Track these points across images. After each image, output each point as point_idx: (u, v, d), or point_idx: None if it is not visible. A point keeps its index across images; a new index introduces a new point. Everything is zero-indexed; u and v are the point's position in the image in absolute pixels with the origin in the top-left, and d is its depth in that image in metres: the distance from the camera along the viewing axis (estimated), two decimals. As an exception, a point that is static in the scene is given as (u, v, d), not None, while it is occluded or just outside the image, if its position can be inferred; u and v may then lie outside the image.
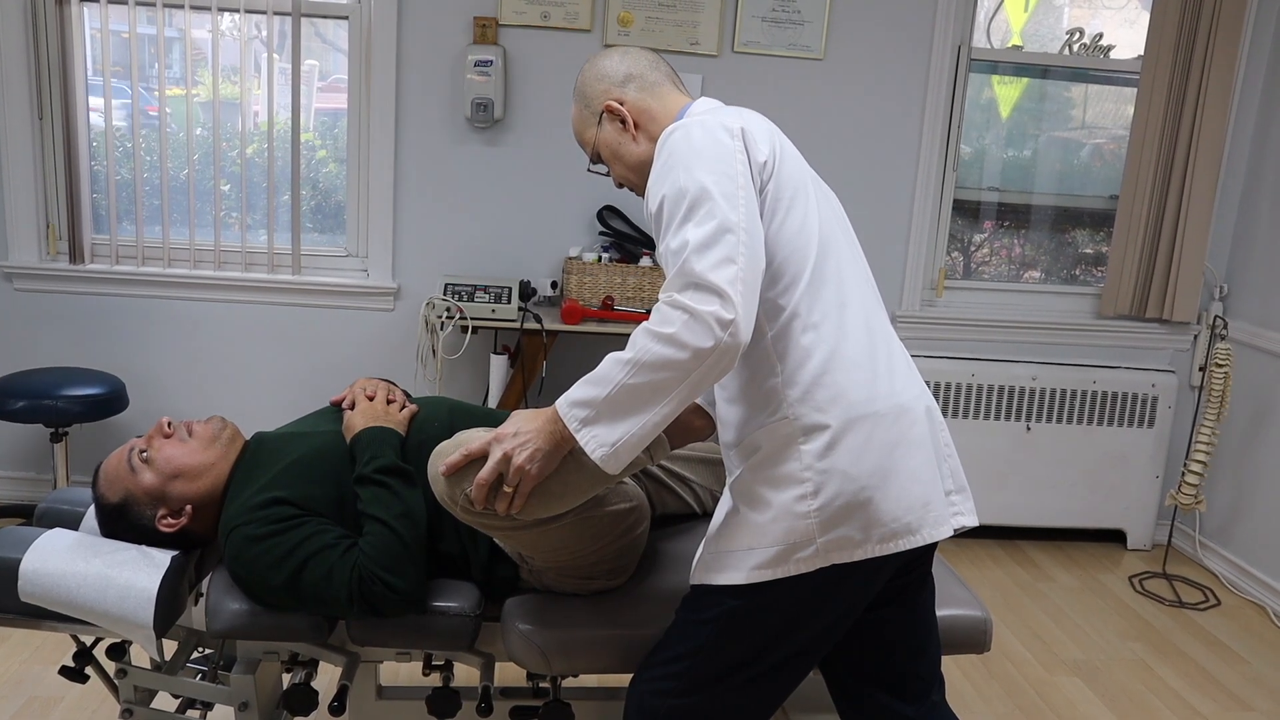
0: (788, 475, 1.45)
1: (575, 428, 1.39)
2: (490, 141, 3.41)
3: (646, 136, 1.62)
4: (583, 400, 1.40)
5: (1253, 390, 3.55)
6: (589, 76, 1.66)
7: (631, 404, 1.37)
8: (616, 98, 1.63)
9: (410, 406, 1.88)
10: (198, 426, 1.82)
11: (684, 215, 1.38)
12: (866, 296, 1.54)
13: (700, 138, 1.43)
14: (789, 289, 1.45)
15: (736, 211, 1.37)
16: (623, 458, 1.39)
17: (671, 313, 1.33)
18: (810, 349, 1.44)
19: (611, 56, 1.66)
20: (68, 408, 2.98)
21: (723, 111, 1.53)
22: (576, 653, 1.69)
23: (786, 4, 3.40)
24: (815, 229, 1.49)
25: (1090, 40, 3.68)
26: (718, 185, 1.38)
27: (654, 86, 1.64)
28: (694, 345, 1.31)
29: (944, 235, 3.70)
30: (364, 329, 3.51)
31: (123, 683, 1.79)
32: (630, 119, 1.61)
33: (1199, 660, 3.01)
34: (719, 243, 1.34)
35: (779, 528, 1.45)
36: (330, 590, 1.61)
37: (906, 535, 1.45)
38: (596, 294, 3.27)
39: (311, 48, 3.45)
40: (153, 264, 3.41)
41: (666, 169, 1.44)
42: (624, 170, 1.65)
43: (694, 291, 1.33)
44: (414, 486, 1.72)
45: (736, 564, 1.48)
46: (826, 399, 1.44)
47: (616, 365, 1.37)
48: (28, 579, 1.64)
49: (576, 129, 1.69)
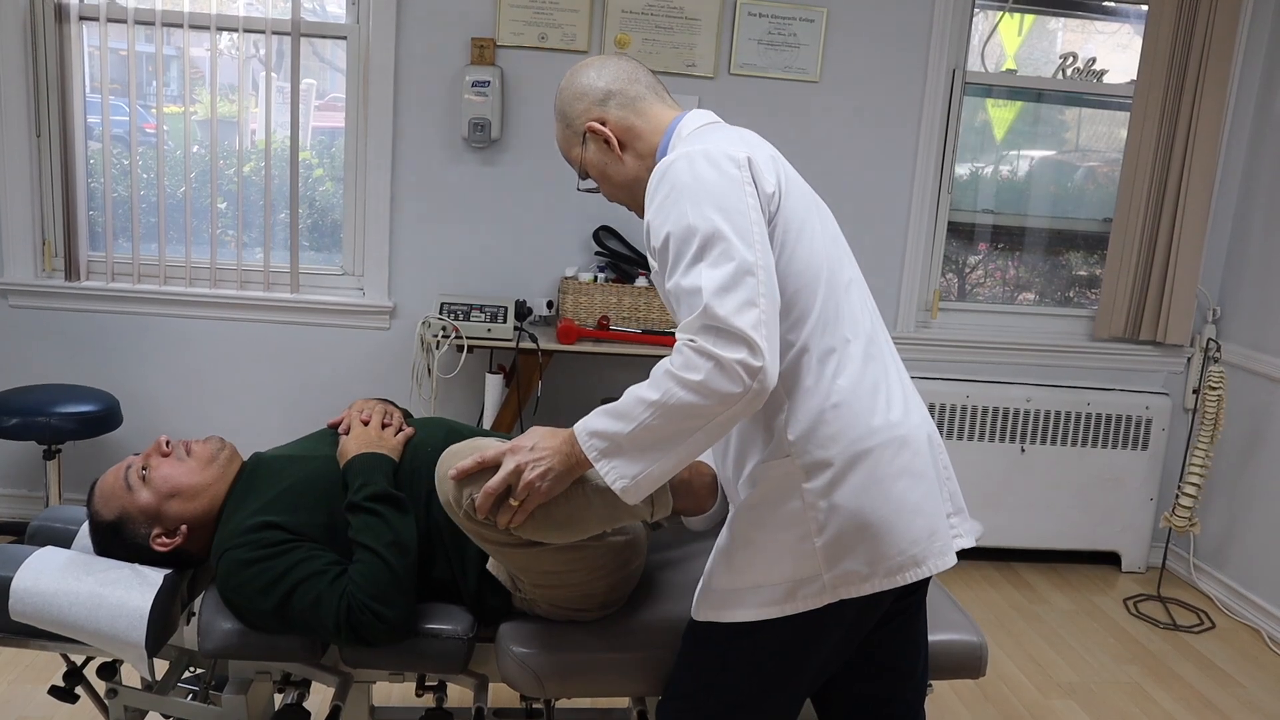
0: (791, 513, 1.43)
1: (594, 457, 1.38)
2: (487, 161, 3.43)
3: (634, 154, 1.57)
4: (603, 432, 1.38)
5: (1246, 413, 3.56)
6: (567, 95, 1.59)
7: (653, 443, 1.35)
8: (598, 118, 1.57)
9: (406, 430, 1.87)
10: (196, 446, 1.81)
11: (695, 254, 1.34)
12: (869, 323, 1.51)
13: (706, 171, 1.38)
14: (798, 324, 1.43)
15: (753, 250, 1.33)
16: (642, 490, 1.38)
17: (697, 359, 1.30)
18: (813, 387, 1.42)
19: (588, 71, 1.59)
20: (61, 425, 2.97)
21: (722, 137, 1.47)
22: (570, 676, 1.68)
23: (783, 27, 3.42)
24: (823, 258, 1.46)
25: (1084, 64, 3.71)
26: (730, 223, 1.34)
27: (635, 101, 1.58)
28: (721, 393, 1.29)
29: (939, 257, 3.71)
30: (359, 348, 3.51)
31: (113, 703, 1.78)
32: (614, 139, 1.56)
33: (1193, 683, 3.01)
34: (739, 285, 1.31)
35: (785, 565, 1.44)
36: (318, 618, 1.60)
37: (913, 567, 1.44)
38: (592, 314, 3.27)
39: (309, 67, 3.46)
40: (148, 281, 3.41)
41: (671, 202, 1.39)
42: (613, 189, 1.62)
43: (718, 337, 1.30)
44: (405, 514, 1.71)
45: (743, 601, 1.47)
46: (828, 436, 1.42)
47: (640, 404, 1.34)
48: (18, 597, 1.63)
49: (561, 148, 1.64)
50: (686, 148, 1.43)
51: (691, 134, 1.52)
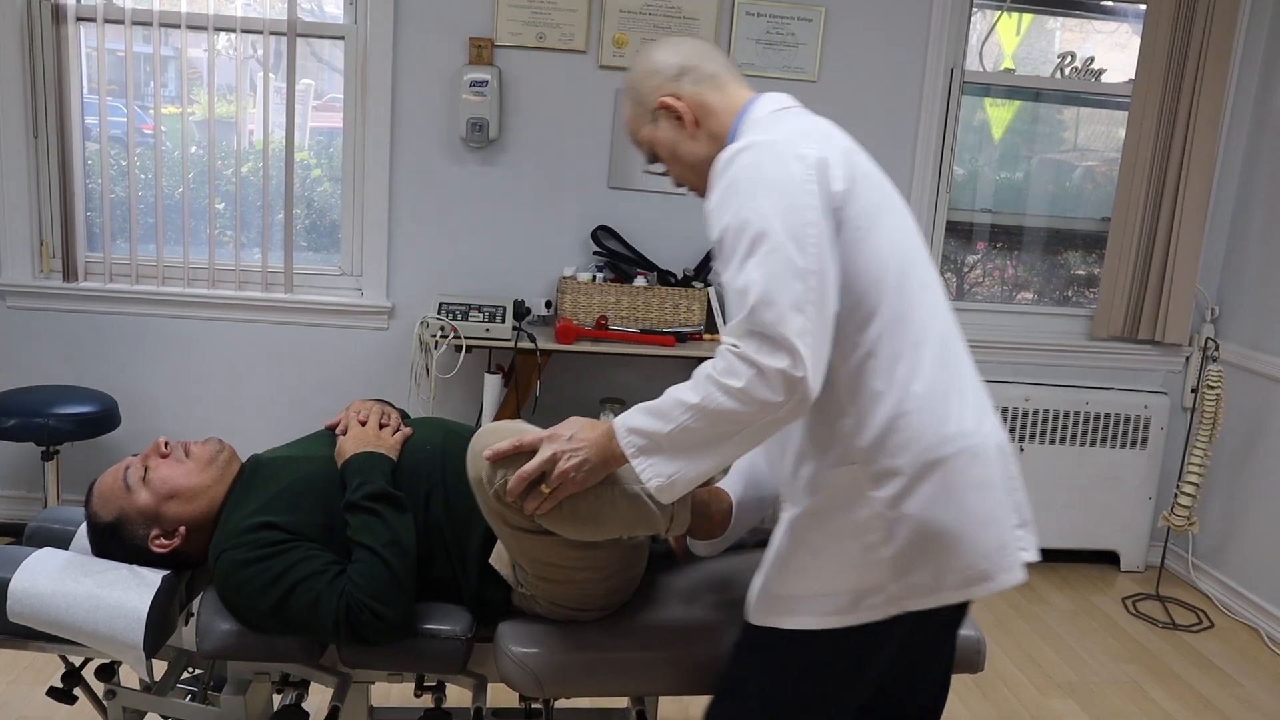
0: (858, 522, 1.40)
1: (631, 453, 1.38)
2: (485, 161, 3.42)
3: (707, 134, 1.52)
4: (641, 429, 1.38)
5: (1244, 412, 3.56)
6: (640, 71, 1.55)
7: (691, 445, 1.35)
8: (671, 93, 1.52)
9: (404, 430, 1.87)
10: (195, 448, 1.80)
11: (746, 251, 1.32)
12: (943, 325, 1.45)
13: (770, 166, 1.34)
14: (864, 325, 1.38)
15: (805, 254, 1.30)
16: (677, 490, 1.38)
17: (739, 365, 1.29)
18: (883, 391, 1.38)
19: (663, 49, 1.55)
20: (59, 426, 2.97)
21: (795, 129, 1.42)
22: (569, 676, 1.68)
23: (781, 26, 3.42)
24: (895, 258, 1.40)
25: (1082, 64, 3.71)
26: (785, 223, 1.31)
27: (712, 78, 1.53)
28: (762, 401, 1.28)
29: (937, 256, 3.71)
30: (358, 348, 3.51)
31: (111, 704, 1.78)
32: (689, 116, 1.51)
33: (1192, 682, 3.01)
34: (786, 290, 1.28)
35: (849, 574, 1.40)
36: (317, 618, 1.60)
37: (981, 582, 1.41)
38: (591, 313, 3.27)
39: (307, 67, 3.46)
40: (146, 282, 3.41)
41: (730, 194, 1.36)
42: (683, 170, 1.57)
43: (761, 344, 1.28)
44: (404, 513, 1.71)
45: (804, 609, 1.43)
46: (898, 445, 1.38)
47: (679, 406, 1.34)
48: (16, 598, 1.63)
49: (630, 127, 1.59)
50: (755, 136, 1.39)
51: (765, 119, 1.47)
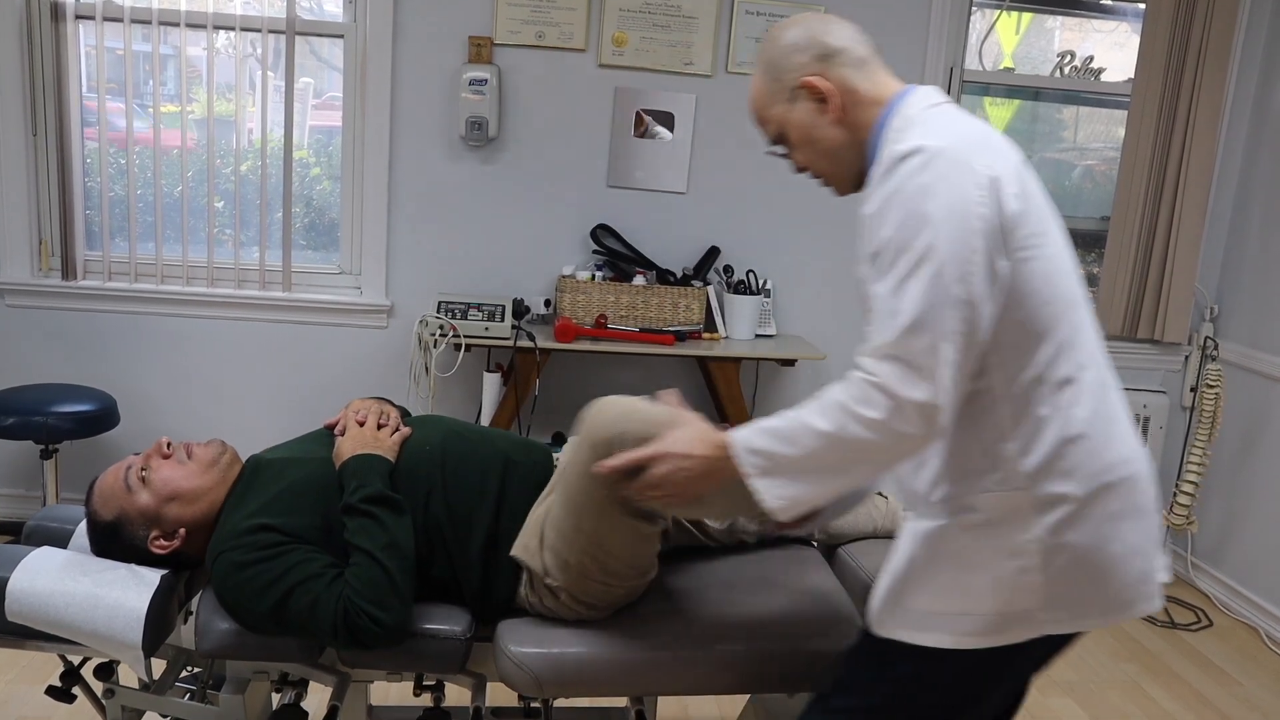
0: (1015, 545, 1.35)
1: (752, 474, 1.36)
2: (484, 160, 3.42)
3: (849, 121, 1.43)
4: (764, 451, 1.35)
5: (1244, 411, 3.56)
6: (783, 46, 1.44)
7: (815, 470, 1.33)
8: (818, 73, 1.42)
9: (403, 430, 1.86)
10: (197, 449, 1.79)
11: (906, 271, 1.26)
12: (1099, 349, 1.41)
13: (941, 180, 1.27)
14: (1032, 350, 1.33)
15: (965, 282, 1.25)
16: (795, 511, 1.37)
17: (876, 395, 1.26)
18: (1050, 416, 1.33)
19: (810, 23, 1.45)
20: (58, 424, 2.97)
21: (963, 135, 1.33)
22: (568, 676, 1.68)
23: (780, 25, 3.42)
24: (1062, 278, 1.35)
25: (1081, 63, 3.71)
26: (950, 247, 1.25)
27: (862, 64, 1.44)
28: (898, 433, 1.26)
29: (936, 255, 3.70)
30: (357, 346, 3.50)
31: (110, 703, 1.78)
32: (835, 100, 1.42)
33: (1191, 681, 3.01)
34: (940, 319, 1.24)
35: (997, 596, 1.36)
36: (315, 621, 1.59)
37: (1123, 610, 1.39)
38: (590, 312, 3.27)
39: (306, 65, 3.46)
40: (145, 280, 3.41)
41: (895, 203, 1.29)
42: (814, 156, 1.48)
43: (905, 373, 1.25)
44: (402, 515, 1.70)
45: (944, 626, 1.39)
46: (1065, 470, 1.33)
47: (809, 432, 1.31)
48: (15, 598, 1.63)
49: (758, 103, 1.49)
50: (922, 140, 1.30)
51: (920, 115, 1.38)
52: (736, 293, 3.41)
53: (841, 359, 3.65)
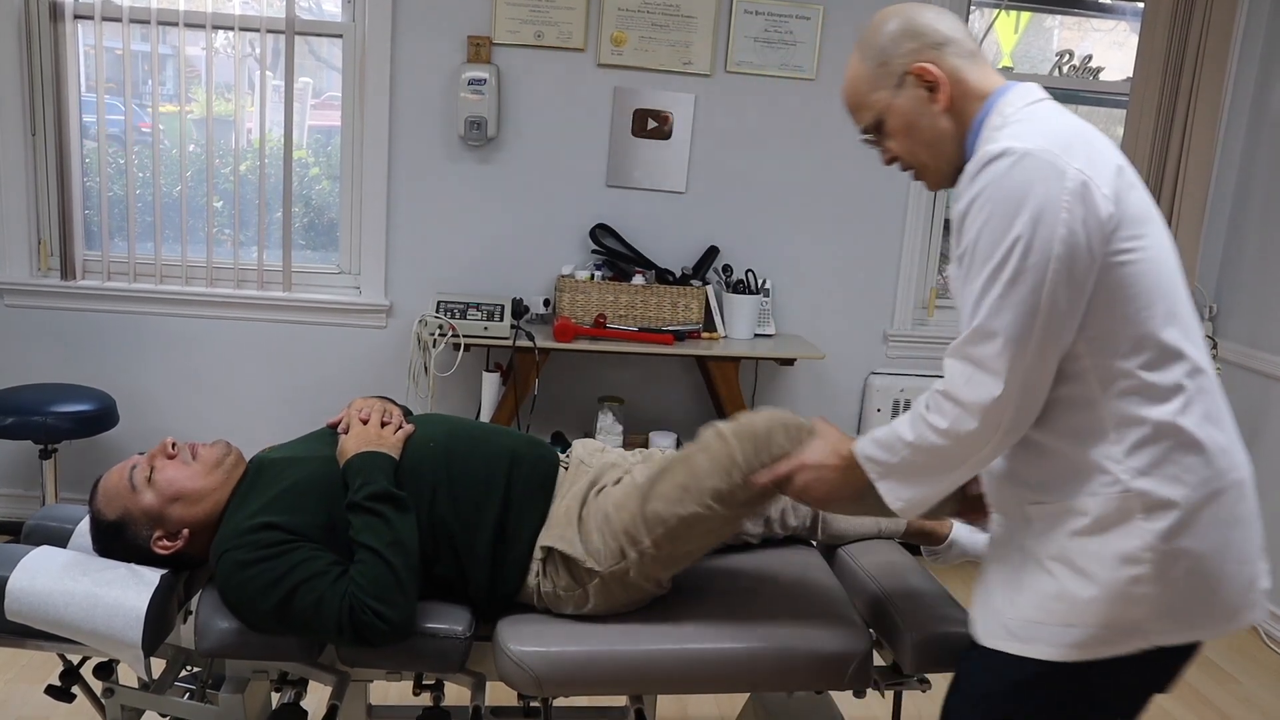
0: (1125, 553, 1.31)
1: (874, 478, 1.45)
2: (483, 160, 3.42)
3: (954, 112, 1.41)
4: (874, 459, 1.45)
5: (1243, 410, 3.56)
6: (894, 31, 1.42)
7: (917, 474, 1.41)
8: (930, 60, 1.40)
9: (406, 428, 1.86)
10: (202, 450, 1.79)
11: (989, 275, 1.28)
12: (1204, 351, 1.37)
13: (1028, 183, 1.26)
14: (1134, 353, 1.31)
15: (1044, 289, 1.25)
16: (916, 510, 1.44)
17: (944, 403, 1.33)
18: (1158, 419, 1.31)
19: (923, 11, 1.43)
20: (57, 424, 2.97)
21: (1057, 135, 1.30)
22: (568, 675, 1.68)
23: (779, 24, 3.42)
24: (1164, 283, 1.32)
25: (1080, 62, 3.71)
26: (1032, 254, 1.25)
27: (972, 56, 1.42)
28: (966, 436, 1.32)
29: (935, 254, 3.71)
30: (356, 346, 3.50)
31: (110, 702, 1.78)
32: (945, 89, 1.40)
33: (1190, 680, 3.01)
34: (1013, 323, 1.26)
35: (1107, 607, 1.32)
36: (319, 619, 1.60)
37: (1231, 620, 1.36)
38: (589, 312, 3.27)
39: (305, 65, 3.46)
40: (144, 280, 3.41)
41: (982, 205, 1.29)
42: (913, 146, 1.45)
43: (972, 374, 1.30)
44: (406, 513, 1.70)
45: (1050, 638, 1.35)
46: (1174, 476, 1.31)
47: (899, 441, 1.40)
48: (14, 597, 1.63)
49: (858, 88, 1.46)
50: (1014, 141, 1.29)
51: (1017, 113, 1.37)
52: (735, 292, 3.41)
53: (841, 358, 3.66)
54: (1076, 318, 1.29)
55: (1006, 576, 1.43)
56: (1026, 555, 1.40)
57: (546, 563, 1.76)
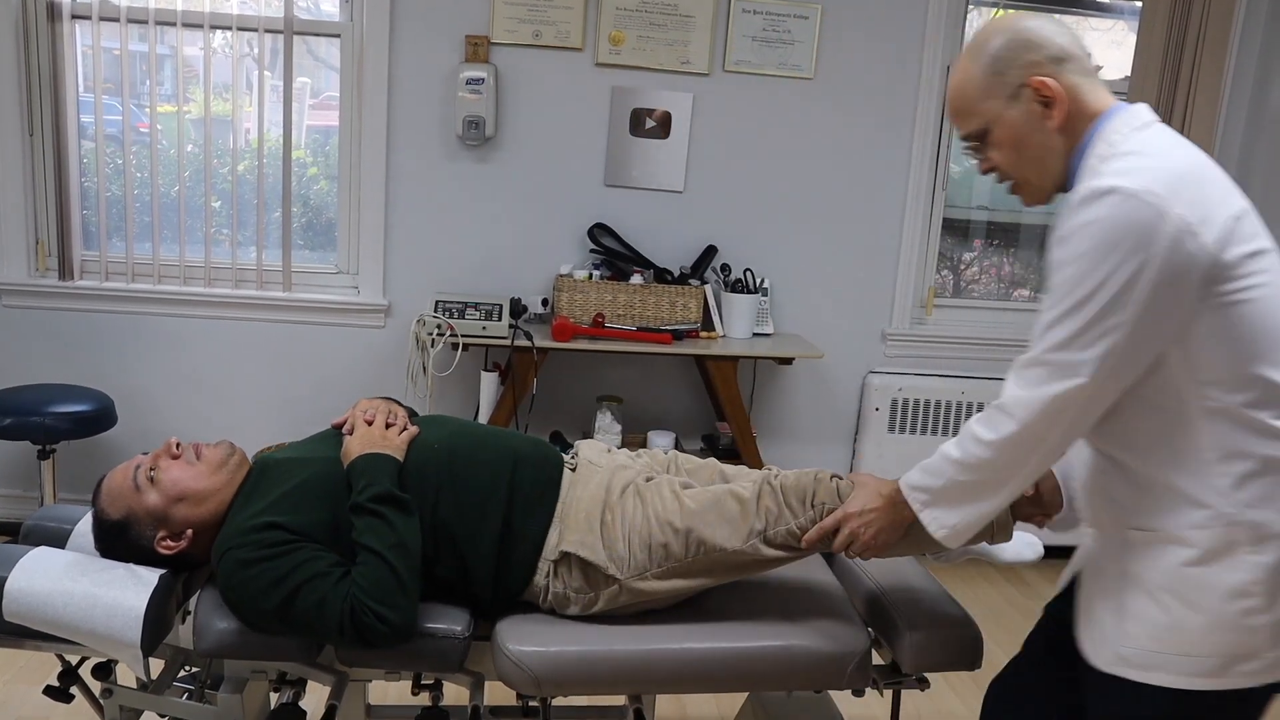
0: (1234, 586, 1.31)
1: (918, 509, 1.49)
2: (482, 159, 3.42)
3: (1066, 131, 1.38)
4: (921, 486, 1.49)
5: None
6: (1012, 40, 1.38)
7: (963, 496, 1.44)
8: (1050, 74, 1.36)
9: (411, 429, 1.86)
10: (206, 450, 1.79)
11: (1073, 306, 1.28)
12: None
13: (1136, 232, 1.24)
14: (1240, 389, 1.30)
15: (1123, 335, 1.26)
16: (960, 537, 1.48)
17: (997, 415, 1.37)
18: (1266, 454, 1.30)
19: (1043, 22, 1.39)
20: (56, 425, 2.97)
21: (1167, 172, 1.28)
22: (566, 674, 1.68)
23: (777, 24, 3.42)
24: (1272, 318, 1.30)
25: (1078, 61, 3.71)
26: (1119, 300, 1.25)
27: (1090, 74, 1.39)
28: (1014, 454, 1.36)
29: (933, 254, 3.71)
30: (355, 346, 3.50)
31: (108, 702, 1.78)
32: (1062, 106, 1.37)
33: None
34: (1072, 356, 1.29)
35: (1222, 637, 1.32)
36: (321, 619, 1.60)
37: None
38: (587, 311, 3.27)
39: (303, 65, 3.45)
40: (142, 280, 3.41)
41: (1080, 238, 1.27)
42: (1019, 160, 1.42)
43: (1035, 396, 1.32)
44: (409, 515, 1.70)
45: (1167, 666, 1.35)
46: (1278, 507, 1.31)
47: (944, 461, 1.44)
48: (13, 598, 1.63)
49: (967, 94, 1.41)
50: (1123, 181, 1.27)
51: (1126, 140, 1.35)
52: (734, 291, 3.41)
53: (839, 357, 3.66)
54: (1144, 362, 1.31)
55: (1112, 601, 1.42)
56: (1130, 581, 1.39)
57: (560, 565, 1.76)
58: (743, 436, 3.30)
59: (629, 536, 1.75)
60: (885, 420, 3.65)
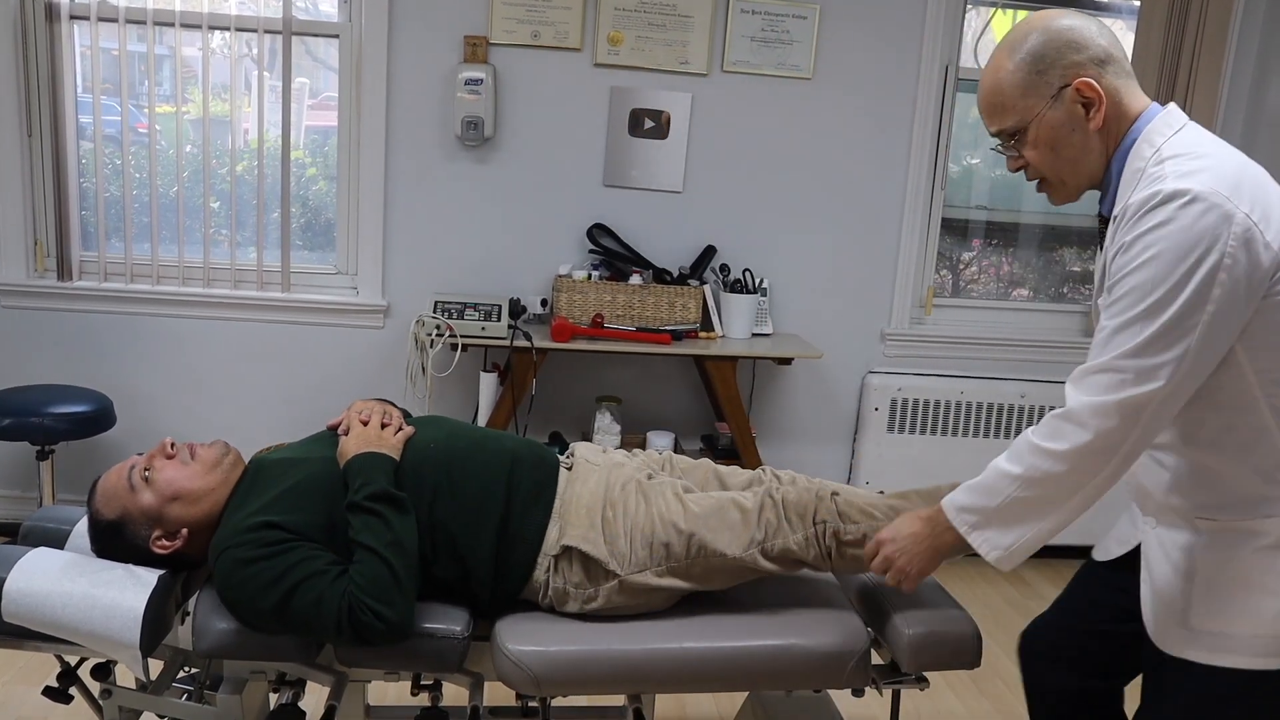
0: None
1: (966, 532, 1.46)
2: (480, 159, 3.42)
3: (1105, 131, 1.39)
4: (971, 507, 1.46)
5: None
6: (1054, 40, 1.37)
7: (1022, 515, 1.40)
8: (1094, 76, 1.37)
9: (406, 429, 1.87)
10: (201, 450, 1.80)
11: (1147, 311, 1.28)
12: None
13: (1208, 234, 1.25)
14: None
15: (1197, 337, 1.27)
16: (1016, 559, 1.44)
17: (1062, 425, 1.35)
18: None
19: (1088, 23, 1.39)
20: (54, 425, 2.97)
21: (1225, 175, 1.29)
22: (566, 674, 1.68)
23: (775, 24, 3.42)
24: None
25: (1076, 60, 3.71)
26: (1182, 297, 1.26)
27: (1130, 76, 1.40)
28: (1088, 460, 1.33)
29: (932, 253, 3.71)
30: (353, 347, 3.50)
31: (107, 703, 1.78)
32: (1103, 109, 1.37)
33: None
34: (1143, 362, 1.28)
35: None
36: (319, 618, 1.60)
37: None
38: (586, 311, 3.27)
39: (302, 65, 3.45)
40: (141, 281, 3.40)
41: (1146, 243, 1.28)
42: (1054, 160, 1.42)
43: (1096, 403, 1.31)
44: (406, 513, 1.71)
45: (1239, 648, 1.39)
46: None
47: (1003, 478, 1.40)
48: (11, 599, 1.62)
49: (1004, 91, 1.41)
50: (1188, 182, 1.28)
51: (1171, 144, 1.36)
52: (733, 291, 3.41)
53: (838, 357, 3.66)
54: (1217, 360, 1.31)
55: (1180, 587, 1.43)
56: (1200, 568, 1.41)
57: (561, 559, 1.77)
58: (742, 437, 3.30)
59: (631, 533, 1.77)
60: (884, 420, 3.65)
